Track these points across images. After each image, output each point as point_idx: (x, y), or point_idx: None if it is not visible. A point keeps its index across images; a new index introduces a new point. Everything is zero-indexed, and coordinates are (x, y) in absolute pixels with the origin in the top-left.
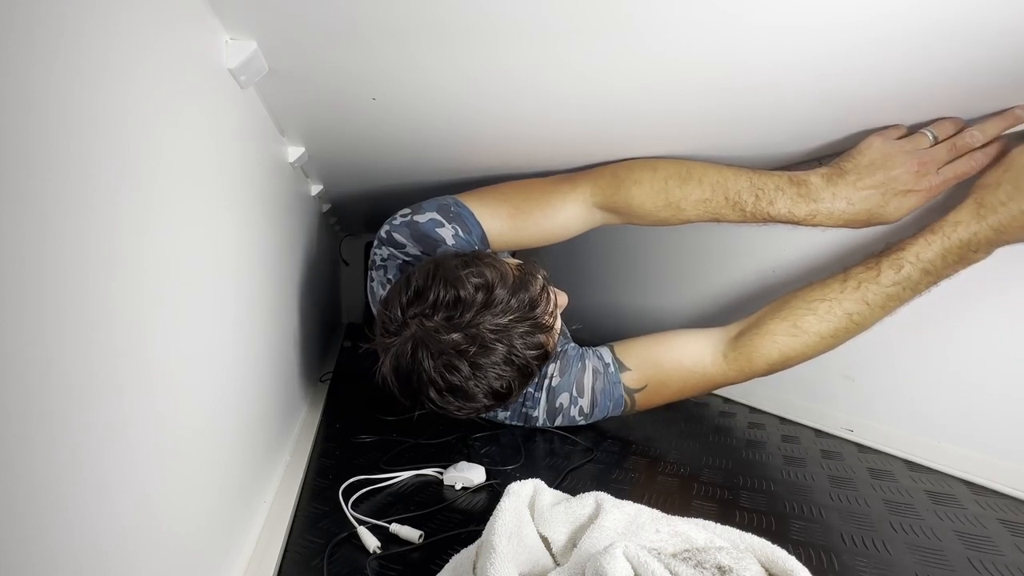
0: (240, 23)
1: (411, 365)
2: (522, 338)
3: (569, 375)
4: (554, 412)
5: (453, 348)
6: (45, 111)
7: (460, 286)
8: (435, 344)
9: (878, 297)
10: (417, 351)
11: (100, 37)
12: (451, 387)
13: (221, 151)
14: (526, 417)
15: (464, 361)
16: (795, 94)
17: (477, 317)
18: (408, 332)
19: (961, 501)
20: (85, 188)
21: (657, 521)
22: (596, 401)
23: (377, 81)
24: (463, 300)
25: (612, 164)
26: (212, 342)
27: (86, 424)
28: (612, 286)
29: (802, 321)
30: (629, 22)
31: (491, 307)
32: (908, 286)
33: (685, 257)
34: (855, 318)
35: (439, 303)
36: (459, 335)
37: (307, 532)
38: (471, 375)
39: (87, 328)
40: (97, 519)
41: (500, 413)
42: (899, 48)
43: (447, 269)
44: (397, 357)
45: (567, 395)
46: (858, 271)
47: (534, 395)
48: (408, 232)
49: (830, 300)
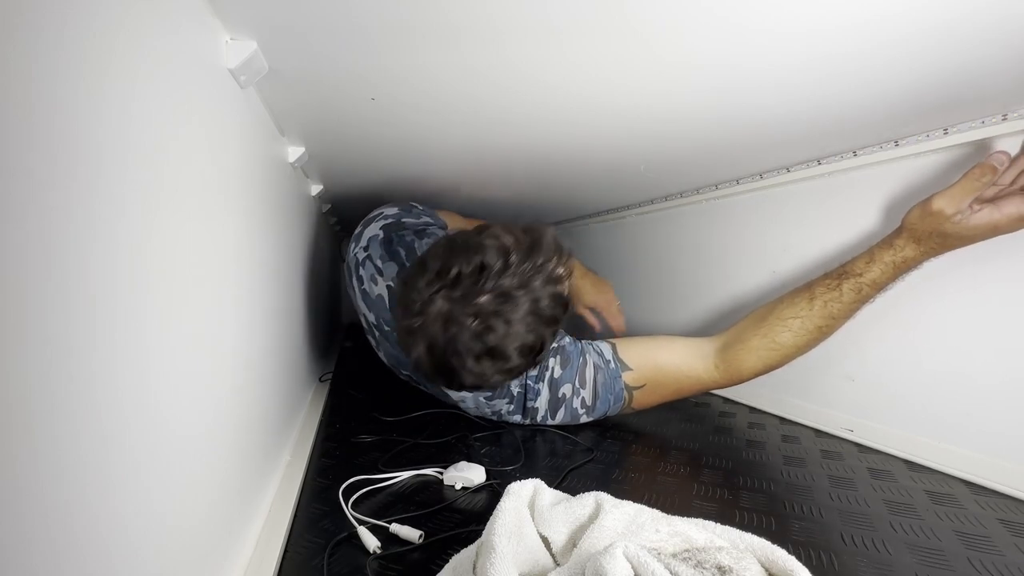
0: (240, 23)
1: (445, 338)
2: (543, 288)
3: (571, 367)
4: (556, 403)
5: (486, 310)
6: (46, 112)
7: (482, 253)
8: (468, 310)
9: (841, 310)
10: (449, 323)
11: (100, 38)
12: (488, 349)
13: (221, 151)
14: (528, 411)
15: (498, 319)
16: (798, 95)
17: (501, 279)
18: (435, 308)
19: (961, 501)
20: (85, 188)
21: (657, 521)
22: (598, 393)
23: (377, 81)
24: (487, 266)
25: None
26: (212, 342)
27: (87, 424)
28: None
29: (780, 337)
30: (633, 24)
31: (511, 267)
32: (863, 299)
33: (684, 259)
34: (824, 329)
35: (463, 275)
36: (487, 297)
37: (307, 532)
38: (506, 333)
39: (88, 328)
40: (98, 519)
41: (504, 406)
42: (900, 49)
43: (463, 242)
44: (430, 335)
45: (569, 386)
46: (822, 291)
47: (535, 387)
48: (377, 211)
49: (802, 318)
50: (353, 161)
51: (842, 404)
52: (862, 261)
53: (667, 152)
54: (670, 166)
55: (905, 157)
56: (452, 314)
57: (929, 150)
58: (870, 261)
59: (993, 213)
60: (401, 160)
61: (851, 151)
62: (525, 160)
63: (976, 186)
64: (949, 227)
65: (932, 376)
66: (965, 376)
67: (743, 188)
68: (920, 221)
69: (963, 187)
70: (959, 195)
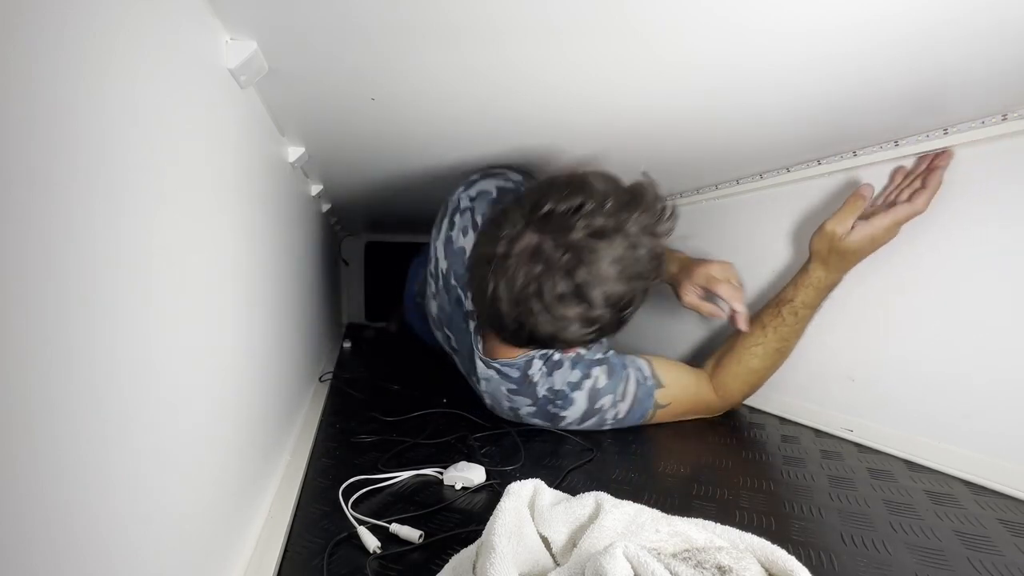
0: (240, 23)
1: (529, 274)
2: (640, 236)
3: (616, 378)
4: (590, 413)
5: (577, 245)
6: (46, 112)
7: (582, 192)
8: (559, 244)
9: (790, 332)
10: (537, 256)
11: (100, 38)
12: (575, 288)
13: (221, 151)
14: (552, 416)
15: (591, 255)
16: (797, 95)
17: (596, 218)
18: (523, 242)
19: (961, 501)
20: (86, 188)
21: (657, 521)
22: (633, 407)
23: (377, 81)
24: (583, 204)
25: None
26: (212, 342)
27: (87, 424)
28: None
29: (751, 363)
30: (632, 24)
31: (607, 209)
32: (804, 319)
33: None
34: (782, 350)
35: (557, 212)
36: (581, 234)
37: (307, 532)
38: (596, 273)
39: (88, 328)
40: (99, 519)
41: (524, 407)
42: (900, 49)
43: (562, 181)
44: (512, 269)
45: (610, 397)
46: (769, 319)
47: (570, 395)
48: (500, 170)
49: (761, 344)
50: (353, 161)
51: (842, 404)
52: (791, 288)
53: (667, 152)
54: (670, 166)
55: (905, 157)
56: (541, 247)
57: (929, 150)
58: (795, 287)
59: (867, 227)
60: (401, 160)
61: (851, 151)
62: (524, 160)
63: (855, 209)
64: (842, 245)
65: (932, 376)
66: (965, 376)
67: (743, 188)
68: (820, 244)
69: (845, 211)
70: (844, 217)
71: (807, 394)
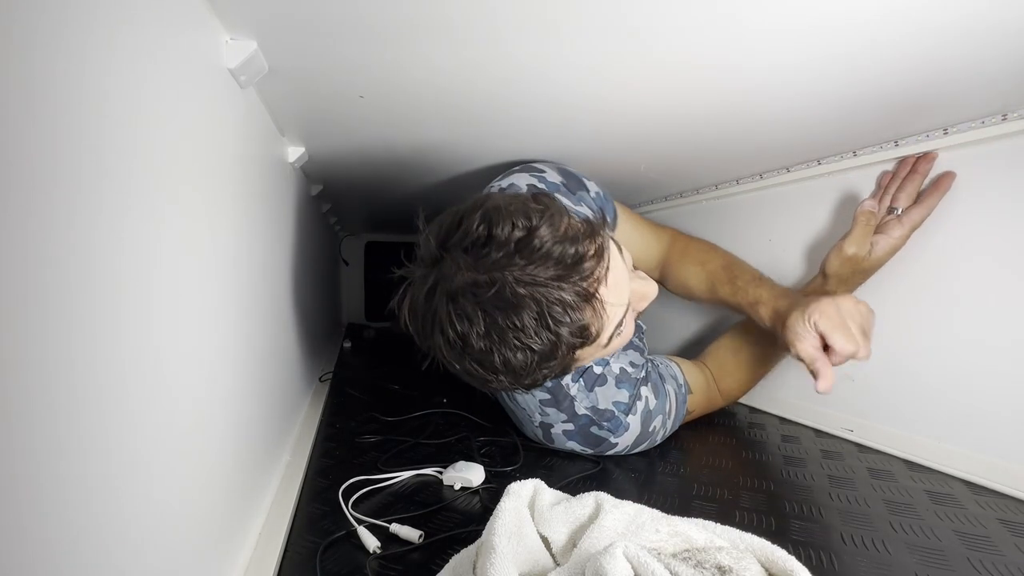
0: (240, 23)
1: (425, 304)
2: (560, 303)
3: (662, 397)
4: (643, 438)
5: (469, 289)
6: (46, 112)
7: (497, 222)
8: (452, 282)
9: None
10: (436, 288)
11: (100, 38)
12: (461, 336)
13: (221, 151)
14: (597, 441)
15: (478, 310)
16: (793, 94)
17: (506, 260)
18: (436, 268)
19: (961, 501)
20: (87, 188)
21: (657, 521)
22: (674, 421)
23: (377, 81)
24: (494, 238)
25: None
26: (212, 342)
27: (88, 425)
28: None
29: (752, 361)
30: (632, 24)
31: (524, 251)
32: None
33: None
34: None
35: (468, 239)
36: (479, 276)
37: (307, 532)
38: (485, 333)
39: (88, 328)
40: (100, 518)
41: (559, 424)
42: (900, 49)
43: (494, 203)
44: (415, 292)
45: (660, 418)
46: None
47: (623, 420)
48: (554, 165)
49: (763, 344)
50: (353, 161)
51: (842, 404)
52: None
53: (667, 152)
54: (670, 166)
55: (905, 157)
56: (444, 278)
57: (929, 150)
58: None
59: (887, 240)
60: (401, 160)
61: (851, 151)
62: (523, 161)
63: (869, 228)
64: (866, 264)
65: (932, 376)
66: (965, 376)
67: (743, 188)
68: (842, 268)
69: (861, 232)
70: (861, 238)
71: (807, 394)
